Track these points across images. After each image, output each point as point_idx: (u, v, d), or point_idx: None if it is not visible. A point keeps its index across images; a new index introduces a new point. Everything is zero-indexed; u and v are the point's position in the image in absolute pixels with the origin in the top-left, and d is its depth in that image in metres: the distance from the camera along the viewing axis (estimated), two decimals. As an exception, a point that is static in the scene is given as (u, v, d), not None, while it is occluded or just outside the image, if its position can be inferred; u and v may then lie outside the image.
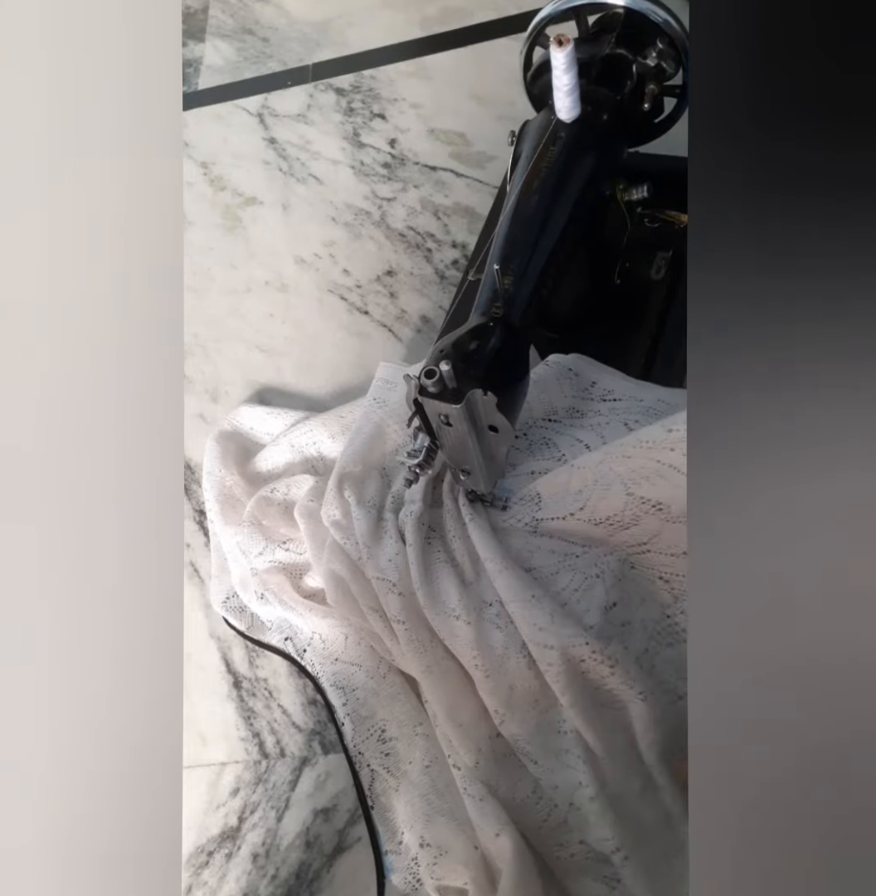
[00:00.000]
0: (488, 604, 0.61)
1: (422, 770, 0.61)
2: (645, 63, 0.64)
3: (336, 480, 0.67)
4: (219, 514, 0.74)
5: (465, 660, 0.61)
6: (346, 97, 1.05)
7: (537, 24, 0.66)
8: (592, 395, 0.67)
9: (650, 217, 0.77)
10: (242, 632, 0.71)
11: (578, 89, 0.58)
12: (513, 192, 0.60)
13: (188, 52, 1.16)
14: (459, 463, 0.59)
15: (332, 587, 0.65)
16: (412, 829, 0.59)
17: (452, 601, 0.61)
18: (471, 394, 0.50)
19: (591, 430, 0.66)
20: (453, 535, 0.64)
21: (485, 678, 0.59)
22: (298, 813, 0.64)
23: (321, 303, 0.90)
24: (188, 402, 0.85)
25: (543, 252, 0.58)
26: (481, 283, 0.57)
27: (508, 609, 0.60)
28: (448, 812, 0.59)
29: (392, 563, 0.63)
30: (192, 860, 0.65)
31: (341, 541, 0.65)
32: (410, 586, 0.62)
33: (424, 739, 0.63)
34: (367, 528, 0.64)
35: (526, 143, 0.62)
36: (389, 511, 0.65)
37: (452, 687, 0.61)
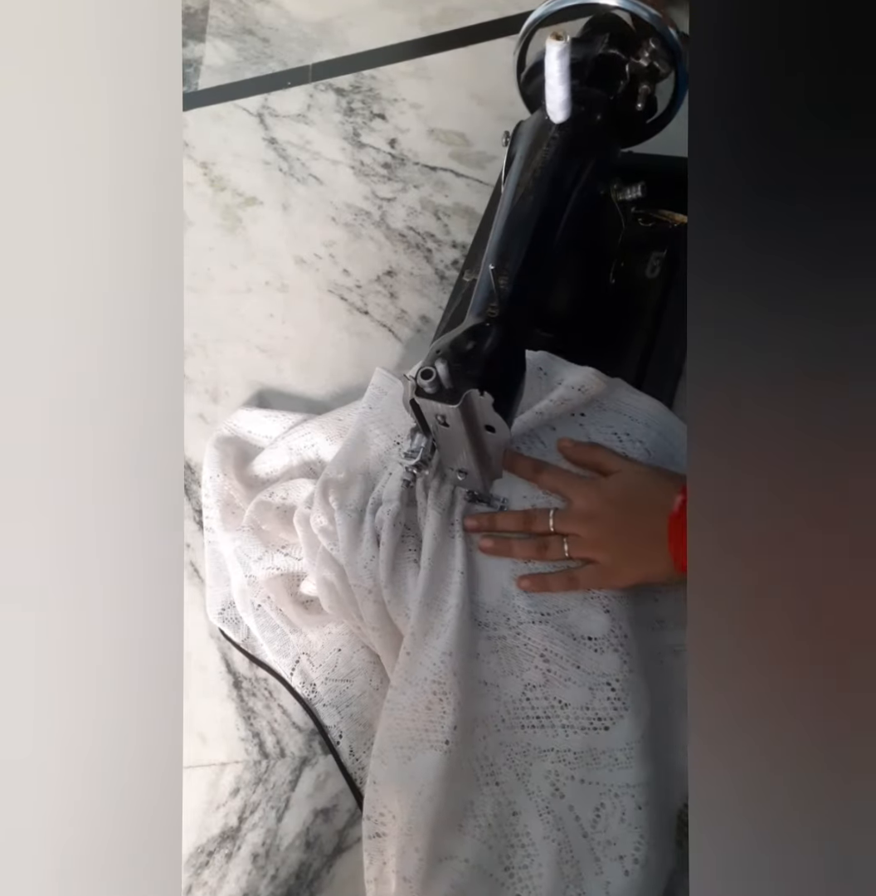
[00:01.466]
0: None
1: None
2: (638, 63, 0.65)
3: (321, 487, 0.67)
4: (219, 520, 0.73)
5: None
6: (346, 97, 1.05)
7: (530, 24, 0.66)
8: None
9: (645, 216, 0.77)
10: (238, 644, 0.71)
11: (569, 89, 0.58)
12: (507, 193, 0.60)
13: (188, 52, 1.16)
14: (457, 463, 0.59)
15: (326, 594, 0.65)
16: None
17: (410, 600, 0.62)
18: (467, 394, 0.50)
19: (550, 429, 0.67)
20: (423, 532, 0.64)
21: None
22: (298, 813, 0.64)
23: (321, 303, 0.90)
24: (188, 402, 0.85)
25: (537, 252, 0.58)
26: (477, 284, 0.58)
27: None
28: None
29: (367, 570, 0.63)
30: (192, 860, 0.65)
31: (329, 547, 0.65)
32: (384, 596, 0.63)
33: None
34: (346, 533, 0.65)
35: (520, 144, 0.63)
36: (369, 514, 0.65)
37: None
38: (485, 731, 0.59)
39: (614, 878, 0.54)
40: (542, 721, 0.58)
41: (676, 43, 0.63)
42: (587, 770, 0.57)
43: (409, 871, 0.54)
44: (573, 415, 0.66)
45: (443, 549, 0.63)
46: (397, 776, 0.57)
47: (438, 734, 0.57)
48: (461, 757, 0.58)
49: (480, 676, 0.60)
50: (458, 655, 0.59)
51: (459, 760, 0.57)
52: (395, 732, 0.58)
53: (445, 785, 0.56)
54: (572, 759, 0.57)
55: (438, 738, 0.57)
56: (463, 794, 0.57)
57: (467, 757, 0.58)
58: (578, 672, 0.59)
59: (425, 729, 0.58)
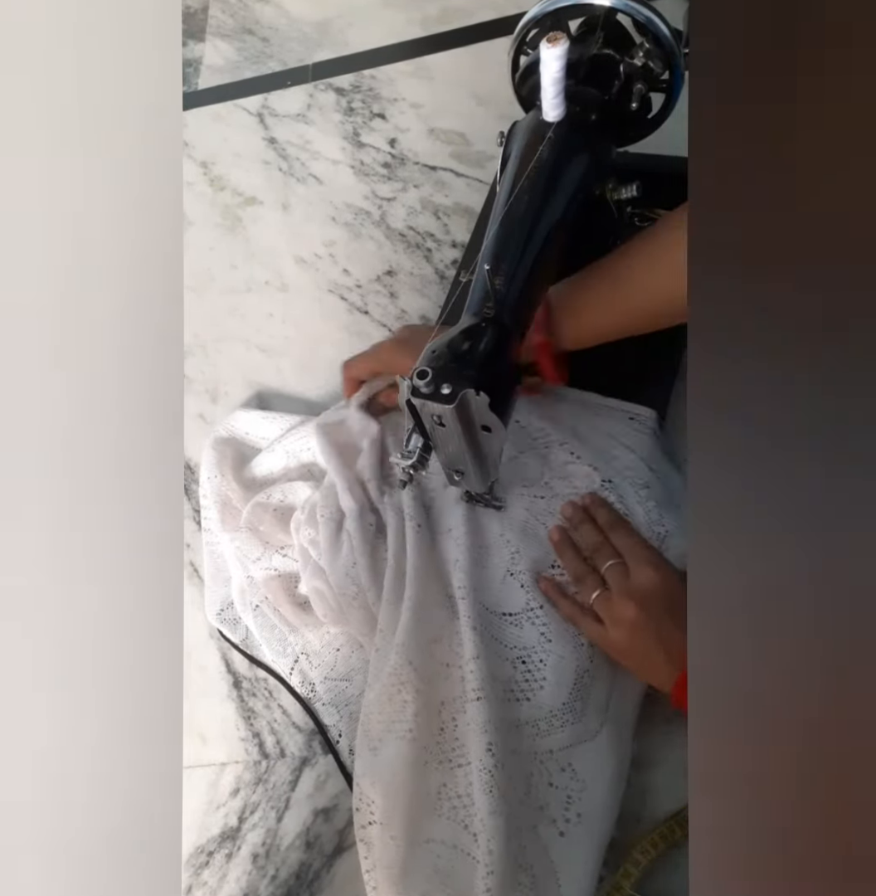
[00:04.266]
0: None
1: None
2: (632, 63, 0.65)
3: (315, 499, 0.68)
4: (218, 521, 0.74)
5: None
6: (346, 97, 1.05)
7: (524, 25, 0.66)
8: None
9: (641, 216, 0.77)
10: (236, 644, 0.71)
11: (564, 89, 0.58)
12: (502, 193, 0.60)
13: (188, 52, 1.16)
14: (453, 464, 0.59)
15: (318, 603, 0.66)
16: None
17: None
18: (463, 394, 0.50)
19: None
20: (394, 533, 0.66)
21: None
22: (298, 813, 0.64)
23: (321, 303, 0.90)
24: (188, 402, 0.85)
25: (533, 252, 0.58)
26: (473, 284, 0.58)
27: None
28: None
29: (349, 577, 0.64)
30: (192, 860, 0.65)
31: (316, 557, 0.66)
32: (369, 599, 0.64)
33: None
34: (327, 543, 0.65)
35: (515, 144, 0.63)
36: (347, 521, 0.67)
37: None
38: (452, 713, 0.60)
39: (551, 842, 0.56)
40: (478, 694, 0.58)
41: (671, 43, 0.63)
42: (517, 741, 0.59)
43: (389, 858, 0.55)
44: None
45: (403, 546, 0.65)
46: (370, 769, 0.58)
47: (403, 724, 0.58)
48: (428, 742, 0.59)
49: (443, 659, 0.61)
50: (411, 645, 0.60)
51: (425, 746, 0.58)
52: (366, 727, 0.60)
53: (414, 771, 0.57)
54: (505, 731, 0.58)
55: (402, 727, 0.58)
56: (435, 778, 0.58)
57: (436, 740, 0.59)
58: (501, 646, 0.61)
59: (390, 720, 0.59)
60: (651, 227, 0.64)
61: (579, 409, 0.71)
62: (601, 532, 0.62)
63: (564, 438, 0.68)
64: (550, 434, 0.69)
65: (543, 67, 0.55)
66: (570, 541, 0.63)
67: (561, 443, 0.68)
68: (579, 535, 0.63)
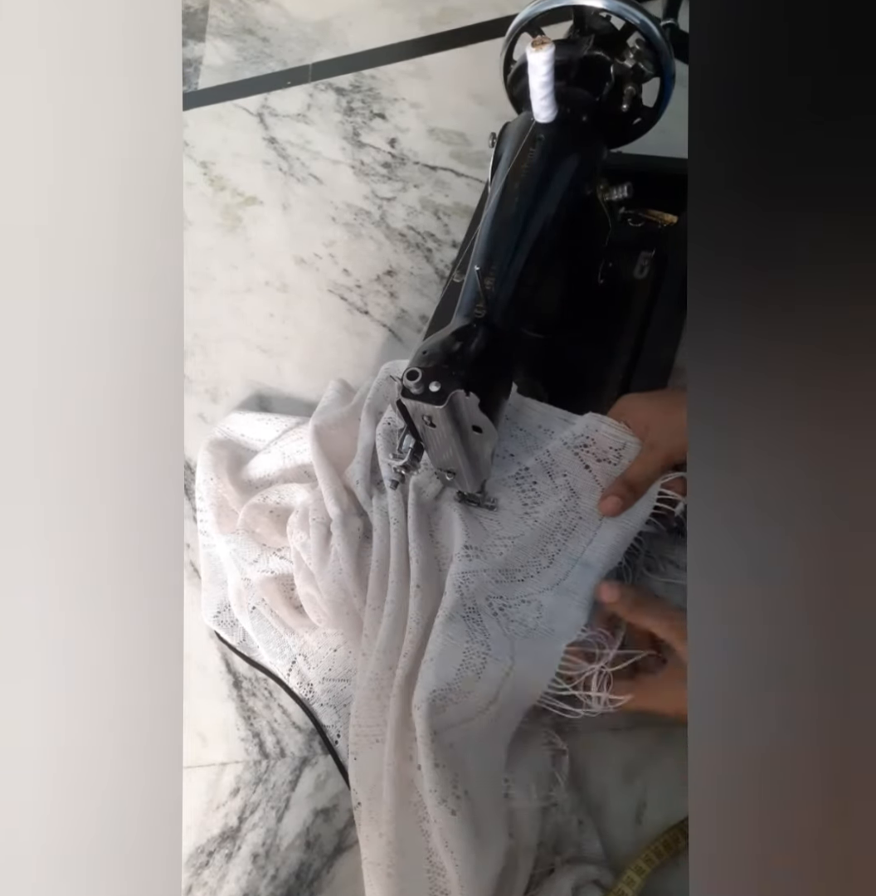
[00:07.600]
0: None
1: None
2: (623, 64, 0.65)
3: (308, 503, 0.68)
4: (214, 523, 0.73)
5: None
6: (346, 97, 1.05)
7: (516, 26, 0.66)
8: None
9: (633, 217, 0.77)
10: (234, 647, 0.71)
11: (554, 91, 0.58)
12: (493, 194, 0.60)
13: (188, 52, 1.16)
14: (445, 464, 0.59)
15: (311, 608, 0.66)
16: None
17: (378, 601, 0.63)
18: (454, 394, 0.50)
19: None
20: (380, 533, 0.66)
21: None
22: (299, 813, 0.64)
23: (321, 303, 0.90)
24: (188, 402, 0.85)
25: (524, 253, 0.58)
26: (464, 285, 0.58)
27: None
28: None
29: (336, 583, 0.64)
30: (192, 860, 0.65)
31: (308, 562, 0.66)
32: (355, 605, 0.64)
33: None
34: (317, 548, 0.65)
35: (506, 145, 0.63)
36: (335, 526, 0.66)
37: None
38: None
39: (444, 822, 0.54)
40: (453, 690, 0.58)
41: (661, 44, 0.63)
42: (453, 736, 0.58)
43: (376, 856, 0.55)
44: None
45: (388, 550, 0.64)
46: (354, 771, 0.59)
47: (380, 727, 0.59)
48: (404, 745, 0.58)
49: (426, 657, 0.61)
50: (391, 650, 0.60)
51: (395, 749, 0.58)
52: (351, 731, 0.60)
53: (389, 774, 0.57)
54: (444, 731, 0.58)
55: (380, 731, 0.59)
56: (407, 779, 0.58)
57: (411, 745, 0.58)
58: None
59: (368, 724, 0.59)
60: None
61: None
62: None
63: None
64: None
65: (530, 71, 0.55)
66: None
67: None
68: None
